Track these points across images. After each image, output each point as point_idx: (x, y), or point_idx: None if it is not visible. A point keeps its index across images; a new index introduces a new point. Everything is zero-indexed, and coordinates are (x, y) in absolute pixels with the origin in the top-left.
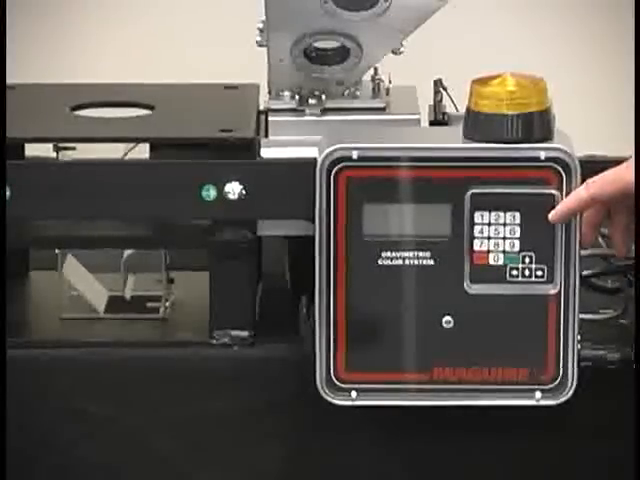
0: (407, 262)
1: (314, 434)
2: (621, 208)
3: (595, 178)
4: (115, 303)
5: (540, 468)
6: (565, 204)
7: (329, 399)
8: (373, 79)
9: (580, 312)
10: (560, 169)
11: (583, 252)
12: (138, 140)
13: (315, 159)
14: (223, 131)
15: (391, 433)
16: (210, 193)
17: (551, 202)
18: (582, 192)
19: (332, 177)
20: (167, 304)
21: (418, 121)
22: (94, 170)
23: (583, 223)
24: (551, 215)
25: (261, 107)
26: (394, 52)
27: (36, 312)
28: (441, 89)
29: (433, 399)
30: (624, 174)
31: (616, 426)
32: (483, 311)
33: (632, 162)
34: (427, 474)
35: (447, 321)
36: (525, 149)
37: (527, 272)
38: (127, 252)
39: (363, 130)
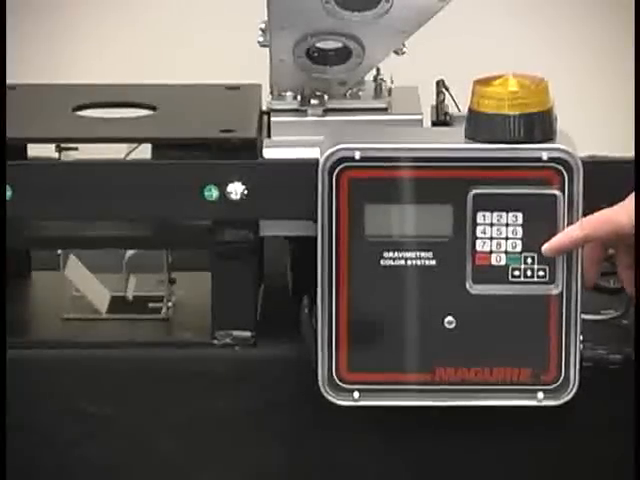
0: (409, 262)
1: (316, 434)
2: (622, 247)
3: (590, 217)
4: (117, 303)
5: (541, 468)
6: (558, 241)
7: (331, 399)
8: (375, 79)
9: (582, 312)
10: (562, 169)
11: None
12: (140, 140)
13: (317, 159)
14: (225, 131)
15: (393, 433)
16: (212, 193)
17: (553, 202)
18: (576, 231)
19: (334, 177)
20: (169, 304)
21: (420, 121)
22: (96, 170)
23: (584, 261)
24: (544, 248)
25: (263, 107)
26: (396, 52)
27: (38, 312)
28: (443, 89)
29: (435, 399)
30: (617, 216)
31: (616, 426)
32: (485, 311)
33: (626, 203)
34: (429, 474)
35: (449, 321)
36: (527, 149)
37: (529, 272)
38: (129, 252)
39: (365, 130)
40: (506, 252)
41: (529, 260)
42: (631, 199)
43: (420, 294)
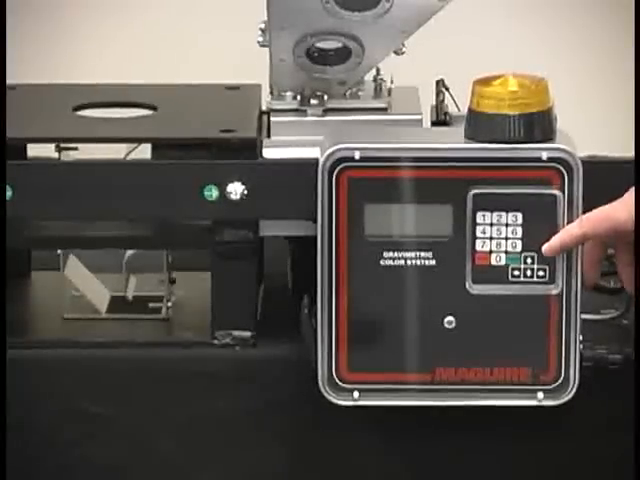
0: (409, 262)
1: (316, 434)
2: (622, 245)
3: (589, 214)
4: (117, 303)
5: (540, 468)
6: (558, 239)
7: (331, 399)
8: (375, 79)
9: (582, 312)
10: (562, 169)
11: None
12: (140, 140)
13: (317, 159)
14: (225, 131)
15: (393, 433)
16: (212, 193)
17: (553, 202)
18: (575, 229)
19: (334, 177)
20: (169, 304)
21: (420, 121)
22: (96, 170)
23: (584, 261)
24: (544, 248)
25: (263, 107)
26: (396, 52)
27: (38, 312)
28: (443, 89)
29: (435, 399)
30: (615, 213)
31: (616, 426)
32: (485, 311)
33: (625, 199)
34: (429, 474)
35: (449, 321)
36: (527, 149)
37: (529, 272)
38: (129, 252)
39: (365, 130)
40: (506, 252)
41: (529, 260)
42: (630, 195)
43: (420, 294)
